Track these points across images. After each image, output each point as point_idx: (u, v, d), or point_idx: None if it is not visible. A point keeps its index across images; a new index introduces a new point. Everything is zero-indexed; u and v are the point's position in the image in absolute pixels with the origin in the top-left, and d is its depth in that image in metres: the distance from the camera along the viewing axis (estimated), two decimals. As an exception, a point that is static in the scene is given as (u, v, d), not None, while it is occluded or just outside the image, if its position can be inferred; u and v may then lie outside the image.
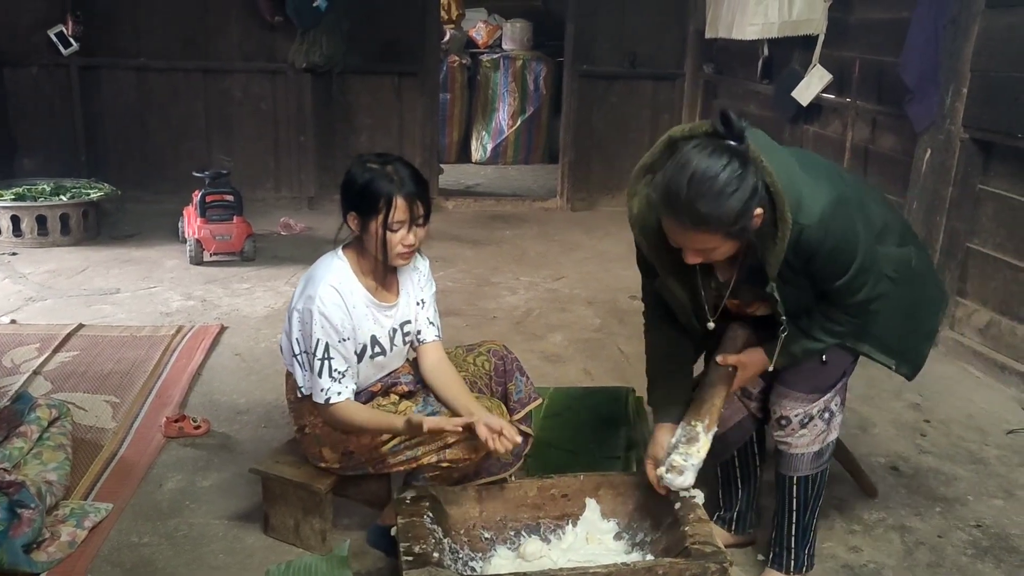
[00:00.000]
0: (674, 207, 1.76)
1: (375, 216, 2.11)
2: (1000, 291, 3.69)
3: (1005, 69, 3.51)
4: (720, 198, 1.72)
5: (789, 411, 2.11)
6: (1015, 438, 3.15)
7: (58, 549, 2.26)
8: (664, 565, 1.94)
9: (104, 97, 5.94)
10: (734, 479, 2.39)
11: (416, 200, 2.13)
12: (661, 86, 6.52)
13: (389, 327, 2.27)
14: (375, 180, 2.11)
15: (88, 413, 3.05)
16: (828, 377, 2.10)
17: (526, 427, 2.36)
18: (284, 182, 6.28)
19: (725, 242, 1.81)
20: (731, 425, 2.23)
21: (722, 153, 1.73)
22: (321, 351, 2.14)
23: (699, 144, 1.76)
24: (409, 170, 2.15)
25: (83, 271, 4.71)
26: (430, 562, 1.90)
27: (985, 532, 2.56)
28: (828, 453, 2.17)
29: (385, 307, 2.26)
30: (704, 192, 1.72)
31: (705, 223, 1.75)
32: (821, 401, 2.11)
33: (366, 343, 2.22)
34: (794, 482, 2.17)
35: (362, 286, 2.22)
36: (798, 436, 2.12)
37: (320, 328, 2.14)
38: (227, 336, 3.85)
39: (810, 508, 2.20)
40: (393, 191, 2.10)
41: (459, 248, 5.41)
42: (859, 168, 4.50)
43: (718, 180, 1.71)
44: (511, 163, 8.29)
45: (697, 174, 1.72)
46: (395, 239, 2.13)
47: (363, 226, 2.15)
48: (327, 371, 2.15)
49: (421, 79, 6.26)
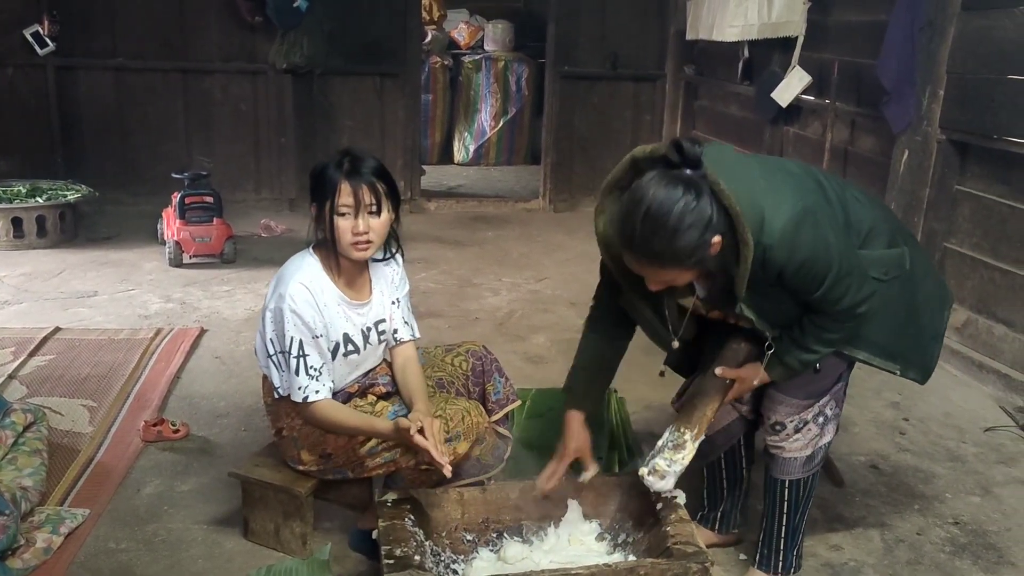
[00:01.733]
0: (629, 245, 1.79)
1: (325, 202, 2.11)
2: (977, 290, 3.73)
3: (980, 71, 3.55)
4: (674, 236, 1.73)
5: (784, 417, 2.11)
6: (992, 436, 3.18)
7: (33, 556, 2.23)
8: (646, 565, 1.94)
9: (81, 98, 5.88)
10: (720, 479, 2.39)
11: (363, 185, 2.09)
12: (642, 87, 6.54)
13: (362, 325, 2.25)
14: (327, 167, 2.12)
15: (65, 418, 3.01)
16: (823, 383, 2.09)
17: (504, 429, 2.36)
18: (265, 183, 6.24)
19: (684, 273, 1.84)
20: (720, 428, 2.22)
21: (676, 185, 1.73)
22: (296, 348, 2.13)
23: (654, 177, 1.76)
24: (367, 160, 2.13)
25: (60, 274, 4.66)
26: (412, 565, 1.89)
27: (963, 529, 2.59)
28: (820, 456, 2.17)
29: (357, 305, 2.24)
30: (657, 230, 1.73)
31: (660, 259, 1.78)
32: (816, 406, 2.10)
33: (339, 341, 2.21)
34: (786, 486, 2.17)
35: (332, 284, 2.20)
36: (792, 441, 2.12)
37: (293, 326, 2.13)
38: (207, 339, 3.82)
39: (800, 511, 2.21)
40: (338, 176, 2.09)
41: (441, 249, 5.40)
42: (838, 169, 4.53)
43: (671, 216, 1.72)
44: (493, 164, 8.29)
45: (651, 211, 1.73)
46: (343, 225, 2.11)
47: (319, 215, 2.15)
48: (303, 368, 2.14)
49: (403, 80, 6.25)
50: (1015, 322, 3.53)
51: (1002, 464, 2.98)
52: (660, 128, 6.57)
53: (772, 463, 2.18)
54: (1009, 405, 3.40)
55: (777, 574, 2.23)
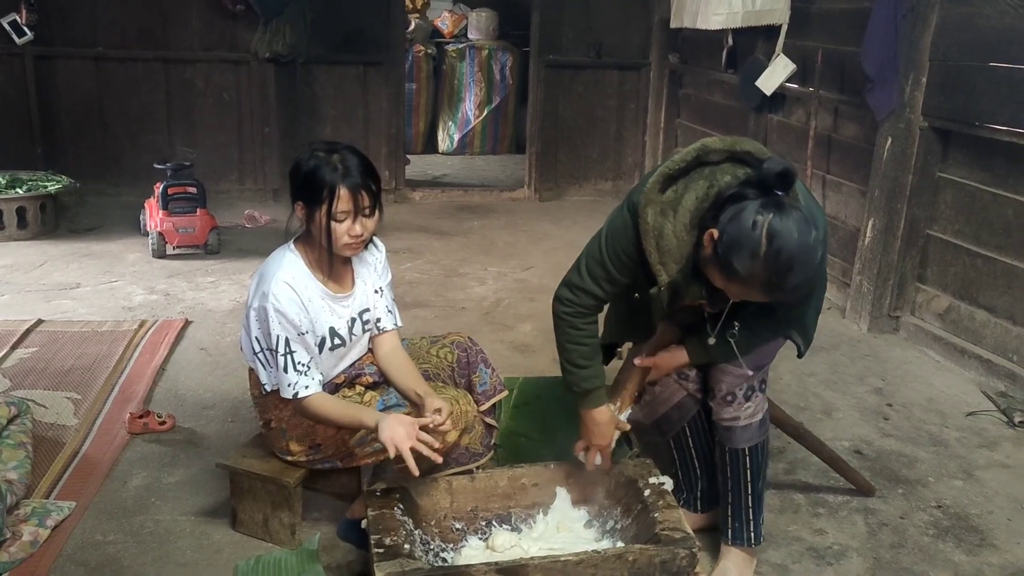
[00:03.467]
0: (775, 292, 1.80)
1: (319, 206, 2.07)
2: (959, 277, 3.77)
3: (963, 58, 3.57)
4: (812, 269, 1.79)
5: (734, 387, 2.17)
6: (974, 420, 3.22)
7: (20, 549, 2.22)
8: (635, 552, 1.96)
9: (60, 87, 5.81)
10: (691, 459, 2.43)
11: (361, 190, 2.07)
12: (627, 76, 6.54)
13: (348, 317, 2.25)
14: (319, 168, 2.06)
15: (49, 410, 2.99)
16: (769, 354, 2.20)
17: (491, 419, 2.36)
18: (248, 174, 6.19)
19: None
20: (671, 405, 2.34)
21: (807, 226, 1.75)
22: (283, 347, 2.12)
23: (781, 216, 1.74)
24: (357, 159, 2.09)
25: (41, 265, 4.61)
26: (401, 554, 1.90)
27: (946, 512, 2.62)
28: (767, 419, 2.26)
29: (341, 297, 2.23)
30: (801, 273, 1.77)
31: (794, 293, 1.82)
32: (760, 373, 2.19)
33: (325, 335, 2.20)
34: (746, 453, 2.22)
35: (315, 279, 2.18)
36: (744, 409, 2.18)
37: (278, 324, 2.11)
38: (192, 330, 3.80)
39: (762, 476, 2.26)
40: (336, 180, 2.04)
41: (427, 239, 5.39)
42: (822, 157, 4.55)
43: (813, 257, 1.77)
44: (478, 153, 8.27)
45: (796, 261, 1.74)
46: (340, 229, 2.09)
47: (309, 216, 2.11)
48: (291, 365, 2.13)
49: (386, 69, 6.21)
50: (996, 308, 3.57)
51: (984, 448, 3.02)
52: (644, 117, 6.58)
53: (731, 436, 2.21)
54: (991, 390, 3.44)
55: (751, 545, 2.26)
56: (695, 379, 2.30)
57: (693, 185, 1.89)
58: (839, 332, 4.02)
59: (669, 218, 1.89)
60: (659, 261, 1.92)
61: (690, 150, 1.90)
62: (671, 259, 1.91)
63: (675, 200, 1.90)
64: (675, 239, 1.90)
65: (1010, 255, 3.50)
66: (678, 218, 1.89)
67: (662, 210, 1.90)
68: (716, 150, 1.88)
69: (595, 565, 1.92)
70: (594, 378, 2.16)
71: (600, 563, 1.92)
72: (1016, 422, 3.17)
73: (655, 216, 1.91)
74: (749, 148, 1.88)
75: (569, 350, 2.15)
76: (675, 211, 1.89)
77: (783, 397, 3.28)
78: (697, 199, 1.88)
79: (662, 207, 1.90)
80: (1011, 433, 3.13)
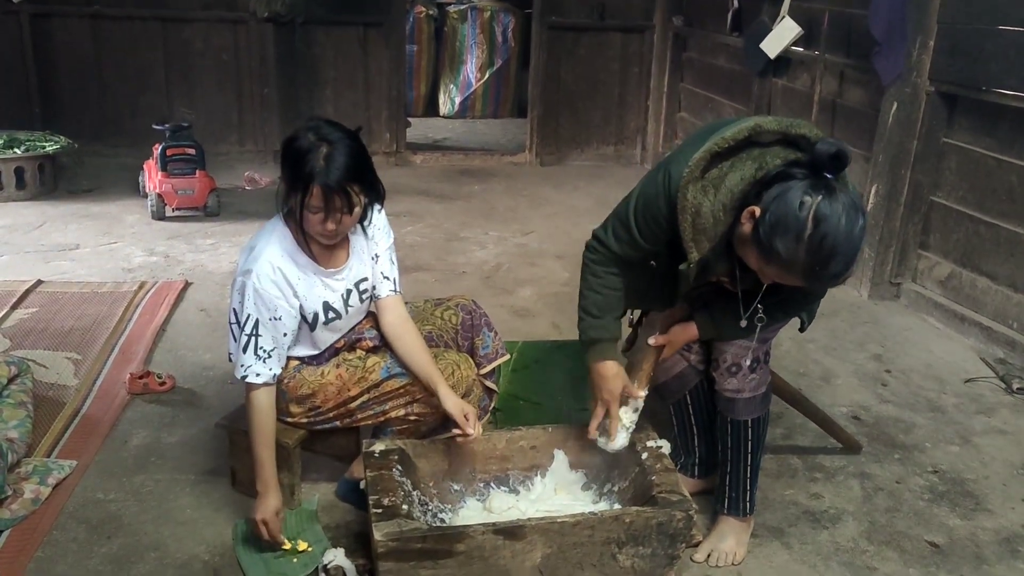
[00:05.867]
0: (814, 279, 1.74)
1: (296, 191, 2.00)
2: (962, 243, 3.75)
3: (971, 22, 3.52)
4: (854, 260, 1.73)
5: (740, 358, 2.15)
6: (972, 387, 3.23)
7: (21, 506, 2.24)
8: (631, 514, 1.97)
9: (57, 46, 5.74)
10: (690, 426, 2.43)
11: (335, 194, 1.96)
12: (630, 38, 6.45)
13: (342, 290, 2.21)
14: (302, 156, 1.97)
15: (49, 370, 3.00)
16: (775, 328, 2.17)
17: (491, 383, 2.36)
18: (248, 135, 6.14)
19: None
20: (672, 375, 2.33)
21: (855, 213, 1.69)
22: (250, 327, 2.08)
23: (831, 202, 1.67)
24: (344, 158, 1.98)
25: (40, 226, 4.60)
26: (399, 514, 1.91)
27: (942, 477, 2.64)
28: (770, 391, 2.25)
29: (334, 271, 2.19)
30: (843, 262, 1.70)
31: (832, 281, 1.77)
32: (765, 345, 2.18)
33: (318, 310, 2.17)
34: (748, 425, 2.21)
35: (306, 255, 2.14)
36: (749, 380, 2.17)
37: (252, 304, 2.07)
38: (191, 292, 3.80)
39: (761, 447, 2.26)
40: (313, 176, 1.95)
41: (427, 203, 5.36)
42: (827, 122, 4.51)
43: (857, 247, 1.71)
44: (479, 117, 8.20)
45: (839, 249, 1.68)
46: (313, 220, 2.03)
47: (287, 195, 2.05)
48: (252, 348, 2.09)
49: (387, 30, 6.13)
50: (998, 275, 3.56)
51: (981, 414, 3.03)
52: (648, 81, 6.50)
53: (733, 408, 2.20)
54: (990, 357, 3.44)
55: (747, 516, 2.27)
56: (697, 350, 2.29)
57: (740, 165, 1.80)
58: (839, 299, 4.01)
59: (709, 195, 1.81)
60: (692, 238, 1.85)
61: (742, 128, 1.79)
62: (705, 237, 1.84)
63: (719, 178, 1.81)
64: (712, 218, 1.82)
65: (1013, 222, 3.48)
66: (719, 197, 1.81)
67: (703, 187, 1.82)
68: (769, 131, 1.80)
69: (592, 527, 1.93)
70: (602, 329, 2.11)
71: (597, 524, 1.93)
72: (1014, 389, 3.18)
73: (696, 193, 1.82)
74: (804, 131, 1.78)
75: (585, 296, 2.12)
76: (717, 189, 1.81)
77: (783, 363, 3.29)
78: (742, 180, 1.78)
79: (704, 185, 1.82)
80: (1009, 400, 3.13)
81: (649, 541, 1.97)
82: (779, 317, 2.09)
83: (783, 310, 2.07)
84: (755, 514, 2.30)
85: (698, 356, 2.30)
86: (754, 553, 2.25)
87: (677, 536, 1.98)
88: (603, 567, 1.97)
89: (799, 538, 2.32)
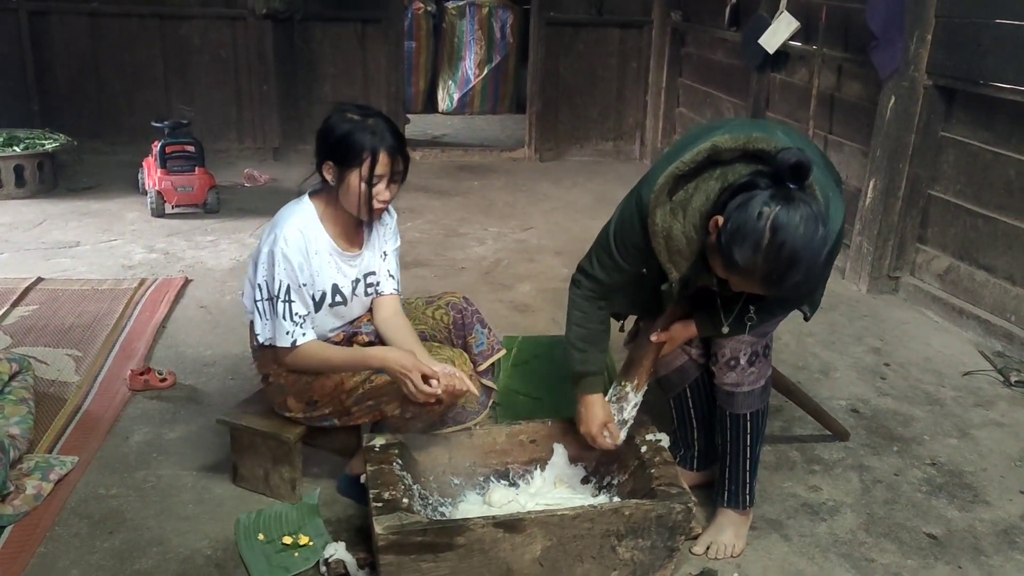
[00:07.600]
0: (773, 287, 1.76)
1: (354, 168, 2.09)
2: (960, 237, 3.76)
3: (968, 15, 3.52)
4: (815, 269, 1.74)
5: (738, 352, 2.16)
6: (971, 380, 3.24)
7: (24, 502, 2.25)
8: (631, 506, 1.98)
9: (56, 44, 5.74)
10: (689, 419, 2.44)
11: (397, 155, 2.13)
12: (629, 34, 6.45)
13: (353, 277, 2.26)
14: (356, 131, 2.09)
15: (50, 367, 3.00)
16: (774, 322, 2.17)
17: (488, 380, 2.37)
18: (247, 132, 6.15)
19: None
20: (672, 369, 2.35)
21: (814, 223, 1.69)
22: (283, 292, 2.14)
23: (788, 211, 1.68)
24: (391, 126, 2.14)
25: (40, 224, 4.60)
26: (400, 508, 1.92)
27: (940, 470, 2.65)
28: (769, 385, 2.27)
29: (349, 256, 2.24)
30: (803, 271, 1.72)
31: (793, 291, 1.78)
32: (764, 339, 2.19)
33: (326, 291, 2.21)
34: (747, 419, 2.23)
35: (327, 233, 2.20)
36: (747, 374, 2.18)
37: (283, 270, 2.13)
38: (192, 289, 3.81)
39: (760, 441, 2.28)
40: (377, 144, 2.09)
41: (427, 199, 5.37)
42: (824, 116, 4.51)
43: (817, 256, 1.72)
44: (478, 113, 8.21)
45: (798, 257, 1.69)
46: (378, 188, 2.13)
47: (340, 177, 2.12)
48: (289, 313, 2.14)
49: (385, 26, 6.13)
50: (996, 268, 3.57)
51: (980, 407, 3.04)
52: (646, 76, 6.51)
53: (733, 401, 2.22)
54: (988, 350, 3.45)
55: (746, 509, 2.28)
56: (698, 344, 2.30)
57: (704, 186, 1.82)
58: (838, 293, 4.02)
59: (678, 218, 1.84)
60: (668, 260, 1.88)
61: (701, 150, 1.81)
62: (681, 257, 1.87)
63: (685, 200, 1.84)
64: (684, 239, 1.84)
65: (1011, 215, 3.48)
66: (688, 219, 1.83)
67: (671, 210, 1.85)
68: (727, 149, 1.81)
69: (591, 519, 1.94)
70: (588, 363, 2.18)
71: (596, 517, 1.94)
72: (1012, 381, 3.19)
73: (664, 217, 1.86)
74: (762, 145, 1.78)
75: (571, 330, 2.19)
76: (684, 211, 1.83)
77: (782, 357, 3.30)
78: (707, 200, 1.81)
79: (671, 208, 1.85)
80: (1007, 392, 3.15)
81: (648, 534, 1.98)
82: (777, 313, 2.10)
83: (780, 309, 2.09)
84: (754, 506, 2.31)
85: (699, 350, 2.32)
86: (753, 545, 2.26)
87: (676, 528, 1.99)
88: (603, 559, 1.98)
89: (798, 530, 2.33)
